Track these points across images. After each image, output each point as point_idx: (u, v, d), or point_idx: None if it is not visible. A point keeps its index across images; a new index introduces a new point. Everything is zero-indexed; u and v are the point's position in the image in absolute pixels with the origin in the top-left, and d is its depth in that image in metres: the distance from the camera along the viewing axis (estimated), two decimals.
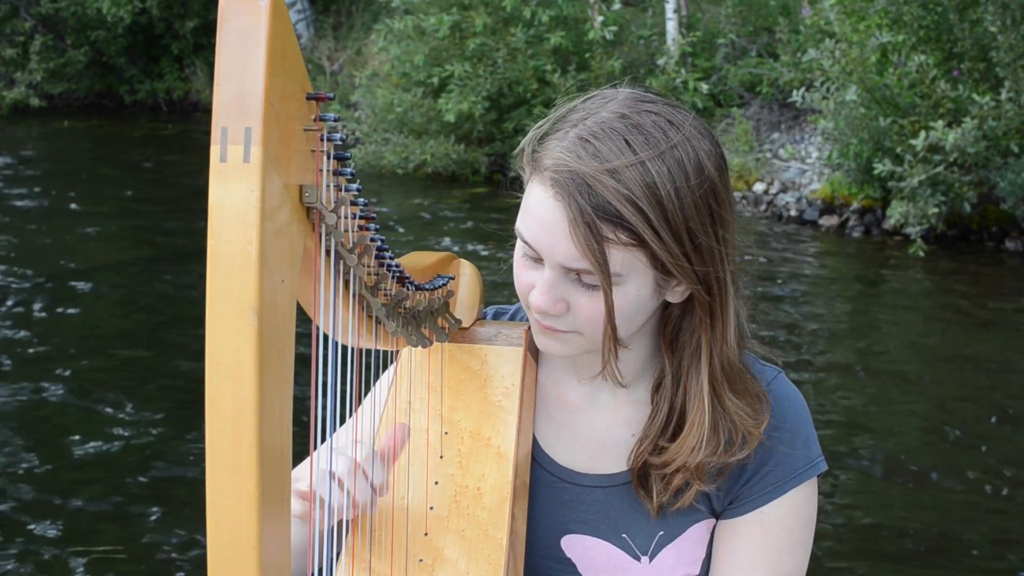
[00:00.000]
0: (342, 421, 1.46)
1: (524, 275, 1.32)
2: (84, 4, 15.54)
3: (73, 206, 10.08)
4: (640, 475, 1.38)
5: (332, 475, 1.25)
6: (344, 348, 1.11)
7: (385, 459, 1.31)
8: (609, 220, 1.21)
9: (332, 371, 1.04)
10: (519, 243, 1.32)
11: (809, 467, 1.40)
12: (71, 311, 7.02)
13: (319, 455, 1.21)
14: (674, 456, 1.35)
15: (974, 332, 6.95)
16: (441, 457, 1.42)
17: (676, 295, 1.32)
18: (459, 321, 1.47)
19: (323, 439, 1.11)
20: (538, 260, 1.29)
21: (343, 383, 1.11)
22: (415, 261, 1.37)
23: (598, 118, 1.26)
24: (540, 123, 1.34)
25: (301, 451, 1.08)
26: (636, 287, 1.27)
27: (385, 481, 1.30)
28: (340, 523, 1.33)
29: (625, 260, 1.23)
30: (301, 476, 1.27)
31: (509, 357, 1.47)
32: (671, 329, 1.38)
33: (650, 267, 1.25)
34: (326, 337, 1.03)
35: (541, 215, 1.25)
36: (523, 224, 1.29)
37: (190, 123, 15.04)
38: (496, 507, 1.36)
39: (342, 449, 1.30)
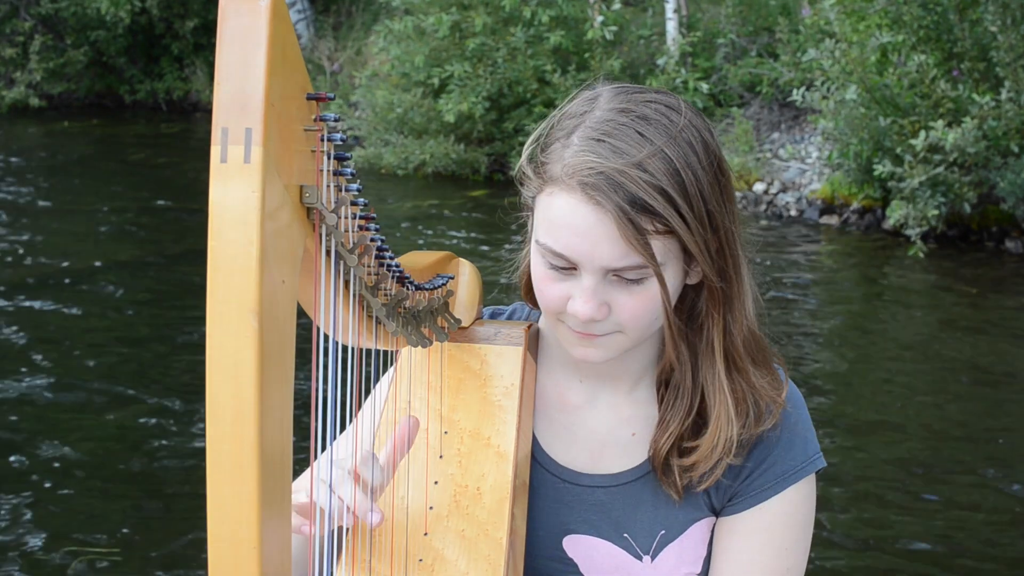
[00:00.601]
0: (342, 422, 1.46)
1: (553, 288, 1.30)
2: (84, 4, 15.54)
3: (73, 206, 10.08)
4: (664, 463, 1.38)
5: (327, 484, 1.23)
6: (344, 348, 1.11)
7: (396, 451, 1.30)
8: (646, 212, 1.21)
9: (333, 371, 1.04)
10: (542, 257, 1.30)
11: (807, 464, 1.40)
12: (70, 311, 7.02)
13: (319, 464, 1.21)
14: (714, 434, 1.34)
15: (974, 332, 6.95)
16: (441, 457, 1.41)
17: (695, 276, 1.32)
18: (459, 320, 1.47)
19: (323, 440, 1.10)
20: (568, 270, 1.28)
21: (343, 383, 1.11)
22: (414, 261, 1.37)
23: (599, 117, 1.26)
24: (530, 140, 1.34)
25: (301, 452, 1.08)
26: (672, 274, 1.27)
27: (384, 481, 1.29)
28: (340, 528, 1.32)
29: (662, 249, 1.24)
30: (301, 488, 1.26)
31: (509, 356, 1.47)
32: (685, 312, 1.37)
33: (681, 252, 1.25)
34: (327, 337, 1.03)
35: (574, 223, 1.24)
36: (551, 236, 1.27)
37: (190, 123, 15.04)
38: (496, 507, 1.36)
39: (340, 457, 1.28)
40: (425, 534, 1.36)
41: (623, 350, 1.34)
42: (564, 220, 1.25)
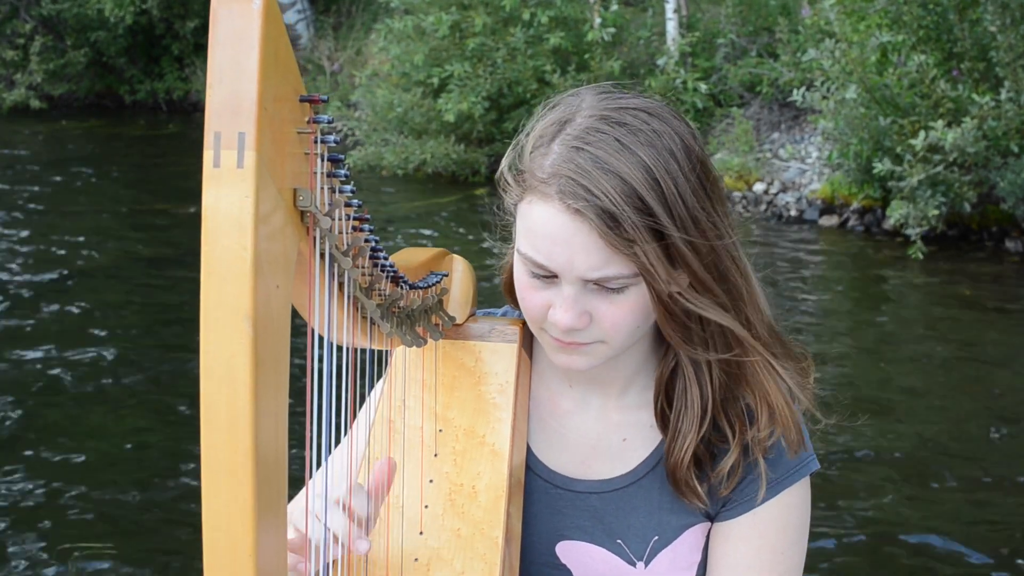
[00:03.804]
0: (339, 427, 1.45)
1: (536, 297, 1.29)
2: (85, 5, 15.53)
3: (72, 207, 10.08)
4: (685, 473, 1.36)
5: (317, 517, 1.21)
6: (339, 351, 1.11)
7: (373, 496, 1.27)
8: (624, 221, 1.20)
9: (328, 375, 1.04)
10: (523, 266, 1.29)
11: (801, 467, 1.40)
12: (69, 311, 7.02)
13: (314, 482, 1.20)
14: (766, 432, 1.35)
15: (974, 332, 6.95)
16: (436, 455, 1.41)
17: (683, 282, 1.30)
18: (453, 318, 1.46)
19: (320, 441, 1.10)
20: (549, 279, 1.27)
21: (339, 387, 1.11)
22: (408, 258, 1.36)
23: (579, 125, 1.25)
24: (514, 143, 1.33)
25: (298, 454, 1.07)
26: (655, 282, 1.26)
27: (372, 514, 1.25)
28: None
29: (642, 257, 1.22)
30: (293, 517, 1.25)
31: (504, 354, 1.47)
32: (680, 317, 1.36)
33: (664, 260, 1.23)
34: (321, 340, 1.03)
35: (552, 232, 1.23)
36: (530, 245, 1.26)
37: (190, 123, 15.05)
38: (491, 505, 1.35)
39: (332, 481, 1.25)
40: (420, 533, 1.35)
41: (607, 358, 1.33)
42: (543, 229, 1.24)
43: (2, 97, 15.31)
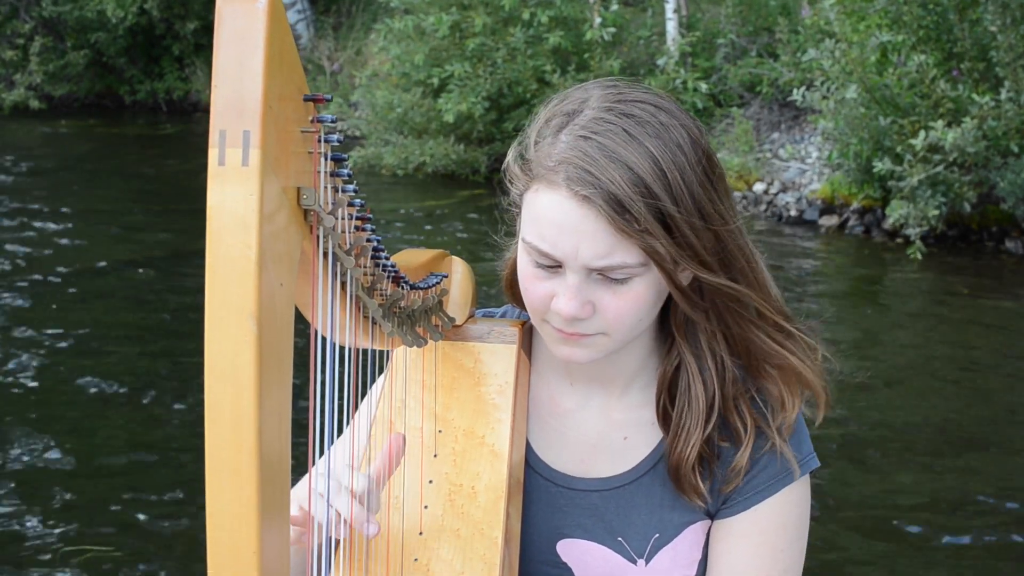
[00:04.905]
0: (339, 426, 1.45)
1: (539, 287, 1.29)
2: (85, 7, 15.53)
3: (72, 207, 10.07)
4: (690, 471, 1.36)
5: (323, 497, 1.22)
6: (341, 351, 1.11)
7: (380, 475, 1.29)
8: (630, 210, 1.20)
9: (330, 374, 1.04)
10: (527, 256, 1.30)
11: (801, 464, 1.40)
12: (70, 312, 7.02)
13: (316, 472, 1.20)
14: (781, 418, 1.35)
15: (974, 332, 6.95)
16: (435, 456, 1.41)
17: (686, 277, 1.30)
18: (453, 319, 1.47)
19: (321, 444, 1.10)
20: (553, 268, 1.27)
21: (340, 386, 1.11)
22: (408, 259, 1.36)
23: (587, 115, 1.26)
24: (521, 136, 1.33)
25: (299, 455, 1.08)
26: (657, 274, 1.26)
27: (376, 498, 1.27)
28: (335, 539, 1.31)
29: (648, 248, 1.23)
30: (297, 498, 1.26)
31: (503, 355, 1.47)
32: (680, 314, 1.36)
33: (670, 251, 1.23)
34: (323, 340, 1.03)
35: (559, 220, 1.23)
36: (536, 233, 1.27)
37: (190, 123, 15.04)
38: (491, 506, 1.36)
39: (337, 468, 1.26)
40: (420, 533, 1.35)
41: (608, 351, 1.33)
42: (549, 216, 1.24)
43: (2, 97, 15.31)
